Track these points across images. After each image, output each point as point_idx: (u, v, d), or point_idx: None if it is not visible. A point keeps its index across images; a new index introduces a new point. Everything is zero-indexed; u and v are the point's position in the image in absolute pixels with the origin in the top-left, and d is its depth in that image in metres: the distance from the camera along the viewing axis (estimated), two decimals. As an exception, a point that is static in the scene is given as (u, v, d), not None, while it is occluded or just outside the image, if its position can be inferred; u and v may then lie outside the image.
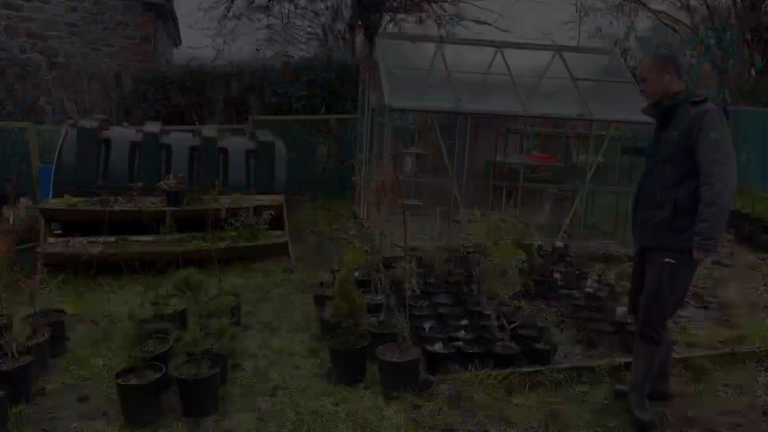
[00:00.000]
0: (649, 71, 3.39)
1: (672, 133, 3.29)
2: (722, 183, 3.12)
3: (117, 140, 6.85)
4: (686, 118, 3.24)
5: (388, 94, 6.67)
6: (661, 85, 3.35)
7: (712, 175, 3.13)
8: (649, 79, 3.39)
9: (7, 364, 3.64)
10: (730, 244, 7.47)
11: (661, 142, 3.38)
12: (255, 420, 3.54)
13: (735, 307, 5.45)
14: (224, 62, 11.76)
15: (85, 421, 3.53)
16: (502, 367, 3.93)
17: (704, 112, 3.20)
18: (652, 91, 3.40)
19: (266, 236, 6.47)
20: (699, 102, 3.26)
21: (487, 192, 8.40)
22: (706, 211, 3.13)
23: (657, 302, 3.36)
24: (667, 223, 3.27)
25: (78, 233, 6.32)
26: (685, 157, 3.23)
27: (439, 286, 5.29)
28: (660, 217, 3.30)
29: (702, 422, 3.61)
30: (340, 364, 3.98)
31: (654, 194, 3.36)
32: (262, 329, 4.93)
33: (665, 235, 3.28)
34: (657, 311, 3.39)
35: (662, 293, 3.33)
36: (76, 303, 5.41)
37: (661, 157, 3.35)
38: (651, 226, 3.36)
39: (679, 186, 3.26)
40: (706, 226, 3.13)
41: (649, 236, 3.39)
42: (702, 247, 3.15)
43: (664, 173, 3.32)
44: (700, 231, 3.14)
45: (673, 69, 3.34)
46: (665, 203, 3.29)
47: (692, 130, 3.19)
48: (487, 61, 7.75)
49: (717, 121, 3.18)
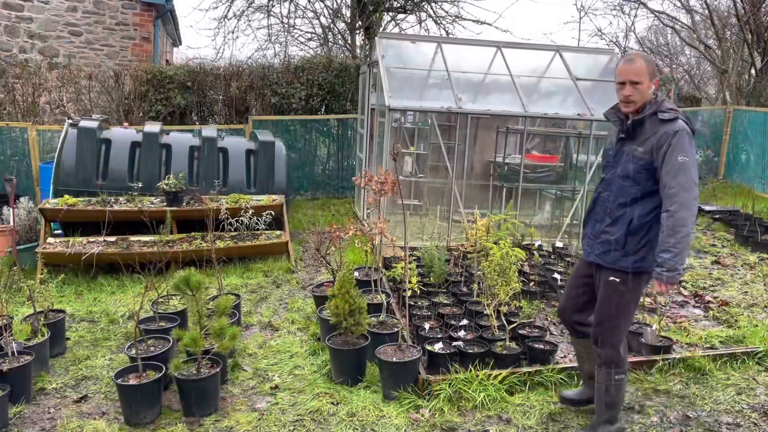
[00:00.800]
0: (642, 76, 3.02)
1: (636, 148, 3.06)
2: (686, 210, 2.90)
3: (117, 140, 6.85)
4: (654, 135, 3.00)
5: (388, 94, 6.68)
6: (646, 95, 3.05)
7: (675, 201, 2.91)
8: (641, 84, 3.03)
9: (7, 364, 3.64)
10: (730, 244, 7.48)
11: (623, 154, 3.13)
12: (255, 420, 3.54)
13: (735, 307, 5.46)
14: (224, 62, 11.76)
15: (85, 420, 3.53)
16: (502, 367, 3.94)
17: (675, 132, 2.94)
18: (639, 99, 3.04)
19: (266, 236, 6.48)
20: (670, 120, 2.99)
21: (487, 192, 8.40)
22: (667, 241, 2.92)
23: (608, 321, 3.18)
24: (620, 242, 3.08)
25: (78, 233, 6.33)
26: (647, 175, 3.02)
27: (439, 286, 5.29)
28: (613, 234, 3.11)
29: (702, 422, 3.61)
30: (340, 364, 3.98)
31: (609, 209, 3.16)
32: (262, 329, 4.94)
33: (616, 255, 3.10)
34: (612, 330, 3.19)
35: (611, 312, 3.17)
36: (76, 303, 5.41)
37: (621, 172, 3.11)
38: (603, 242, 3.17)
39: (636, 204, 3.07)
40: (668, 257, 2.92)
41: (599, 253, 3.19)
42: (666, 281, 2.95)
43: (622, 189, 3.10)
44: (663, 262, 2.93)
45: (657, 80, 3.09)
46: (619, 221, 3.10)
47: (659, 149, 2.97)
48: (487, 61, 7.75)
49: (686, 143, 2.94)
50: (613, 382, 3.23)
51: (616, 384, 3.25)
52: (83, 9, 11.73)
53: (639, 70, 3.02)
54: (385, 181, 4.52)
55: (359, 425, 3.49)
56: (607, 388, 3.25)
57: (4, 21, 11.20)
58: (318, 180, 10.19)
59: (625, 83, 3.05)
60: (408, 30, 15.73)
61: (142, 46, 12.17)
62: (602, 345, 3.23)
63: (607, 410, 3.30)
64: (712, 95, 19.49)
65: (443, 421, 3.54)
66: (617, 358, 3.21)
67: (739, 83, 14.48)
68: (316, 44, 16.58)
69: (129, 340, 4.51)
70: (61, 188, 6.58)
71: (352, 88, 10.38)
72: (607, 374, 3.23)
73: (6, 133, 8.28)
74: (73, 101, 9.52)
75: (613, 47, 18.07)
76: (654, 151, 2.99)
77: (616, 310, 3.15)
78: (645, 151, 3.02)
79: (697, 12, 15.82)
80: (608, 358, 3.21)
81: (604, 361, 3.23)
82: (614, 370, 3.22)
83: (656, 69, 3.09)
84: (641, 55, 3.11)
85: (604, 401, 3.28)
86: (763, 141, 10.65)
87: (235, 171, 7.17)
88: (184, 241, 6.21)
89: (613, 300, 3.16)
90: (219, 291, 4.92)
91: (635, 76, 3.02)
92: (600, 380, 3.27)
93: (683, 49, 19.99)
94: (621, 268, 3.10)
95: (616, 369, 3.22)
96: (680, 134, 2.94)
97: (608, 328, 3.19)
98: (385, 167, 6.61)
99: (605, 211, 3.18)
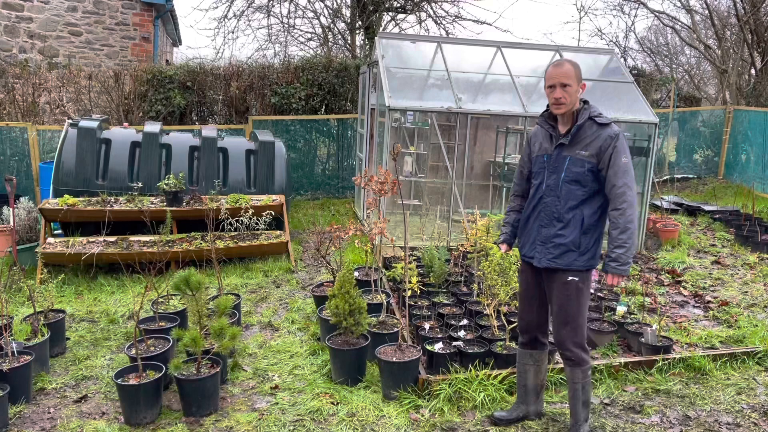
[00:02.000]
0: (571, 79, 3.14)
1: (579, 152, 3.16)
2: (632, 208, 3.09)
3: (117, 140, 6.85)
4: (596, 139, 3.13)
5: (388, 94, 6.68)
6: (576, 98, 3.19)
7: (624, 200, 3.08)
8: (570, 87, 3.14)
9: (7, 364, 3.64)
10: (730, 244, 7.48)
11: (565, 159, 3.20)
12: (255, 420, 3.54)
13: (735, 307, 5.46)
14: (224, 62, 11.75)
15: (85, 421, 3.53)
16: (502, 367, 3.94)
17: (616, 135, 3.12)
18: (570, 101, 3.17)
19: (266, 236, 6.48)
20: (605, 124, 3.16)
21: (487, 192, 8.41)
22: (620, 237, 3.08)
23: (573, 321, 3.22)
24: (576, 243, 3.18)
25: (78, 233, 6.33)
26: (592, 177, 3.15)
27: (439, 286, 5.29)
28: (568, 237, 3.18)
29: (702, 422, 3.61)
30: (340, 364, 3.98)
31: (558, 213, 3.21)
32: (262, 329, 4.94)
33: (572, 255, 3.18)
34: (575, 329, 3.22)
35: (574, 311, 3.21)
36: (76, 303, 5.42)
37: (567, 176, 3.19)
38: (556, 246, 3.20)
39: (584, 205, 3.19)
40: (622, 252, 3.08)
41: (553, 257, 3.22)
42: (618, 273, 3.10)
43: (570, 192, 3.18)
44: (617, 257, 3.09)
45: (582, 82, 3.22)
46: (571, 223, 3.18)
47: (604, 152, 3.10)
48: (487, 61, 7.75)
49: (625, 146, 3.14)
50: (588, 379, 3.29)
51: (589, 381, 3.31)
52: (83, 9, 11.74)
53: (568, 73, 3.14)
54: (385, 181, 4.52)
55: (359, 425, 3.49)
56: (583, 386, 3.28)
57: (4, 21, 11.20)
58: (318, 180, 10.19)
59: (555, 86, 3.16)
60: (408, 30, 15.74)
61: (142, 46, 12.17)
62: (572, 346, 3.24)
63: (584, 408, 3.33)
64: (712, 95, 19.49)
65: (443, 421, 3.54)
66: (585, 356, 3.27)
67: (739, 83, 14.48)
68: (316, 44, 16.60)
69: (129, 340, 4.51)
70: (61, 188, 6.58)
71: (352, 88, 10.38)
72: (582, 373, 3.27)
73: (6, 133, 8.28)
74: (73, 101, 9.52)
75: (613, 47, 18.07)
76: (600, 154, 3.12)
77: (578, 308, 3.21)
78: (590, 155, 3.14)
79: (697, 12, 15.82)
80: (578, 358, 3.25)
81: (575, 361, 3.26)
82: (586, 368, 3.27)
83: (581, 73, 3.22)
84: (568, 60, 3.25)
85: (582, 400, 3.30)
86: (763, 141, 10.65)
87: (235, 171, 7.17)
88: (184, 241, 6.21)
89: (573, 300, 3.20)
90: (219, 291, 4.93)
91: (565, 79, 3.13)
92: (576, 380, 3.28)
93: (683, 49, 20.00)
94: (578, 267, 3.18)
95: (585, 366, 3.27)
96: (620, 138, 3.13)
97: (573, 328, 3.23)
98: (385, 167, 6.61)
99: (553, 216, 3.23)
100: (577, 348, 3.24)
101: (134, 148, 6.86)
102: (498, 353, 4.02)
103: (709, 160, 11.92)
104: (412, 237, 7.02)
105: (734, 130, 11.52)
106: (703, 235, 7.91)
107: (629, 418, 3.64)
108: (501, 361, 3.98)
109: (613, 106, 7.26)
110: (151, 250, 5.87)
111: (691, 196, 10.33)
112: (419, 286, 4.69)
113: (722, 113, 11.88)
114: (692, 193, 10.81)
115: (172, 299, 4.81)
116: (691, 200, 9.77)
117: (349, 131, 10.21)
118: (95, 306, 5.33)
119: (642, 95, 7.50)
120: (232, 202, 6.53)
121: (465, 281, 5.48)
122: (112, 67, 10.54)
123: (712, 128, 11.90)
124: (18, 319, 4.43)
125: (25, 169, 8.31)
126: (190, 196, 6.61)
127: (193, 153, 7.07)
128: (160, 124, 7.25)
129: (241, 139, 7.66)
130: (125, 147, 6.83)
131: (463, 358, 3.99)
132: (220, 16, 14.83)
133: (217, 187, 6.97)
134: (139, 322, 4.12)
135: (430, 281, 5.32)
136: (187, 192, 6.62)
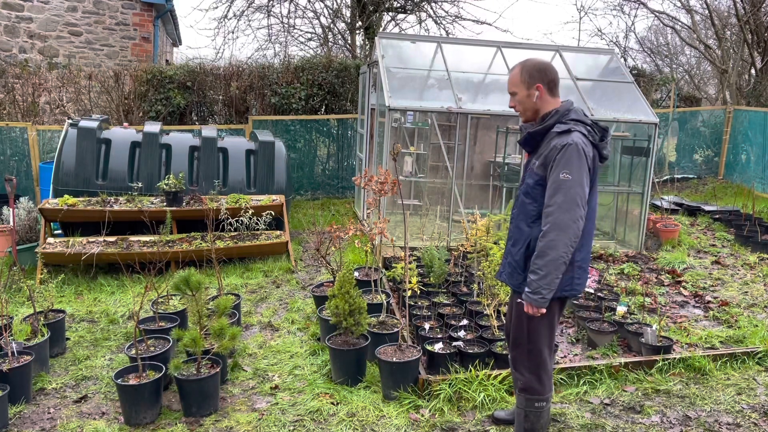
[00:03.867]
0: (516, 85, 2.85)
1: (534, 162, 2.85)
2: (558, 231, 2.66)
3: (117, 140, 6.85)
4: (547, 150, 2.77)
5: (388, 94, 6.68)
6: (530, 103, 2.84)
7: (550, 221, 2.69)
8: (517, 94, 2.87)
9: (7, 364, 3.64)
10: (730, 244, 7.48)
11: (526, 169, 2.94)
12: (255, 420, 3.54)
13: (735, 307, 5.46)
14: (224, 62, 11.76)
15: (85, 421, 3.53)
16: (502, 367, 3.94)
17: (563, 146, 2.69)
18: (522, 109, 2.88)
19: (266, 236, 6.48)
20: (563, 132, 2.74)
21: (487, 192, 8.41)
22: (536, 262, 2.73)
23: (523, 346, 2.99)
24: (519, 264, 2.90)
25: (78, 233, 6.33)
26: (541, 191, 2.79)
27: (439, 286, 5.29)
28: (515, 255, 2.92)
29: (702, 422, 3.61)
30: (340, 364, 3.98)
31: (512, 228, 2.98)
32: (262, 329, 4.94)
33: (519, 277, 2.91)
34: (527, 355, 2.99)
35: (524, 335, 2.96)
36: (76, 303, 5.41)
37: (523, 188, 2.93)
38: (507, 263, 2.99)
39: (535, 224, 2.83)
40: (534, 279, 2.73)
41: (506, 274, 3.01)
42: (529, 301, 2.78)
43: (523, 206, 2.90)
44: (529, 283, 2.76)
45: (542, 84, 2.82)
46: (519, 242, 2.90)
47: (548, 164, 2.74)
48: (487, 61, 7.75)
49: (573, 158, 2.66)
50: (532, 409, 3.03)
51: (536, 412, 3.03)
52: (83, 9, 11.74)
53: (512, 79, 2.88)
54: (385, 181, 4.52)
55: (359, 425, 3.49)
56: (526, 414, 3.05)
57: (4, 21, 11.20)
58: (318, 180, 10.19)
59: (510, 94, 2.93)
60: (408, 30, 15.74)
61: (142, 46, 12.17)
62: (517, 369, 3.06)
63: None
64: (712, 95, 19.49)
65: (443, 421, 3.54)
66: (536, 385, 3.00)
67: (739, 83, 14.48)
68: (316, 44, 16.59)
69: (129, 340, 4.51)
70: (61, 188, 6.58)
71: (352, 88, 10.38)
72: (526, 401, 3.03)
73: (6, 133, 8.28)
74: (73, 101, 9.52)
75: (613, 47, 18.07)
76: (546, 166, 2.77)
77: (528, 334, 2.94)
78: (539, 165, 2.80)
79: (697, 12, 15.82)
80: (525, 384, 3.02)
81: (521, 387, 3.05)
82: (534, 397, 3.01)
83: (536, 73, 2.82)
84: (520, 63, 2.90)
85: (523, 427, 3.07)
86: (763, 141, 10.65)
87: (235, 171, 7.17)
88: (184, 241, 6.21)
89: (522, 323, 2.94)
90: (219, 291, 4.93)
91: (510, 86, 2.89)
92: (519, 406, 3.08)
93: (683, 49, 20.00)
94: (522, 290, 2.87)
95: (535, 396, 3.01)
96: (567, 148, 2.68)
97: (522, 353, 3.00)
98: (385, 167, 6.61)
99: (512, 230, 2.99)
100: (524, 372, 3.01)
101: (134, 148, 6.86)
102: (498, 353, 4.02)
103: (709, 160, 11.92)
104: (412, 237, 7.02)
105: (734, 130, 11.52)
106: (703, 235, 7.91)
107: (629, 418, 3.64)
108: (501, 361, 3.98)
109: (614, 107, 7.26)
110: (151, 250, 5.87)
111: (691, 196, 10.34)
112: (419, 286, 4.69)
113: (722, 113, 11.88)
114: (692, 193, 10.81)
115: (172, 299, 4.81)
116: (691, 200, 9.78)
117: (349, 131, 10.21)
118: (95, 306, 5.33)
119: (642, 95, 7.50)
120: (232, 202, 6.53)
121: (465, 281, 5.48)
122: (112, 67, 10.54)
123: (712, 128, 11.90)
124: (18, 319, 4.43)
125: (25, 169, 8.31)
126: (190, 196, 6.61)
127: (193, 153, 7.07)
128: (160, 124, 7.25)
129: (241, 139, 7.66)
130: (125, 147, 6.83)
131: (463, 358, 3.99)
132: (220, 16, 14.87)
133: (217, 187, 6.97)
134: (139, 322, 4.12)
135: (430, 281, 5.32)
136: (187, 192, 6.62)
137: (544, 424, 3.09)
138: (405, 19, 15.72)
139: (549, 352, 2.99)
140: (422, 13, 14.83)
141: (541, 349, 2.96)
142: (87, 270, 5.95)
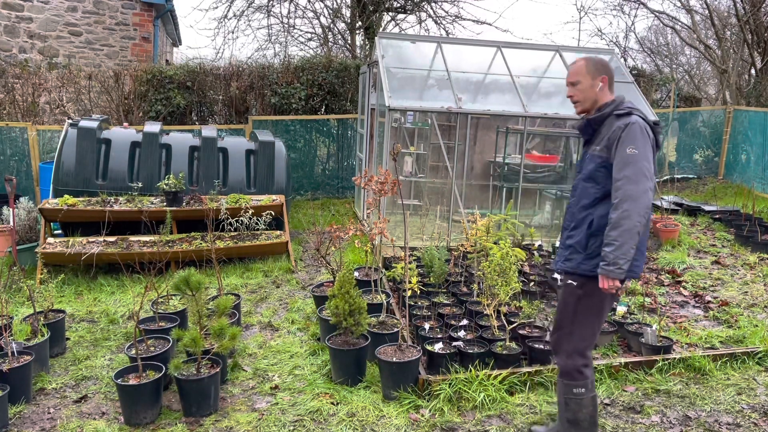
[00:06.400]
0: (581, 75, 3.04)
1: (595, 147, 3.01)
2: (631, 202, 2.78)
3: (117, 140, 6.85)
4: (609, 132, 2.94)
5: (388, 94, 6.67)
6: (592, 93, 3.03)
7: (619, 193, 2.81)
8: (580, 84, 3.04)
9: (7, 364, 3.64)
10: (730, 244, 7.48)
11: (585, 157, 3.09)
12: (255, 420, 3.54)
13: (735, 307, 5.45)
14: (224, 62, 11.76)
15: (85, 421, 3.53)
16: (502, 367, 3.94)
17: (626, 125, 2.87)
18: (582, 98, 3.06)
19: (266, 236, 6.48)
20: (623, 114, 2.94)
21: (487, 192, 8.40)
22: (610, 234, 2.82)
23: (566, 328, 3.05)
24: (581, 245, 2.98)
25: (78, 233, 6.33)
26: (606, 173, 2.93)
27: (439, 286, 5.29)
28: (575, 238, 3.01)
29: (702, 422, 3.61)
30: (340, 364, 3.98)
31: (573, 213, 3.07)
32: (262, 329, 4.94)
33: (578, 258, 2.98)
34: (568, 338, 3.04)
35: (568, 318, 3.04)
36: (76, 303, 5.41)
37: (583, 174, 3.05)
38: (567, 247, 3.06)
39: (598, 205, 2.96)
40: (609, 251, 2.80)
41: (563, 259, 3.08)
42: (605, 273, 2.83)
43: (584, 191, 3.02)
44: (605, 256, 2.83)
45: (606, 77, 3.04)
46: (581, 224, 3.00)
47: (612, 144, 2.90)
48: (487, 61, 7.75)
49: (637, 136, 2.85)
50: (571, 396, 3.05)
51: (576, 399, 3.04)
52: (83, 9, 11.74)
53: (577, 70, 3.06)
54: (385, 181, 4.52)
55: (359, 425, 3.49)
56: (566, 402, 3.07)
57: (4, 21, 11.20)
58: (318, 180, 10.19)
59: (568, 86, 3.12)
60: (408, 30, 15.74)
61: (142, 46, 12.17)
62: (557, 353, 3.11)
63: (570, 427, 3.09)
64: (712, 95, 19.49)
65: (443, 421, 3.54)
66: (573, 371, 3.03)
67: (739, 83, 14.48)
68: (316, 44, 16.59)
69: (129, 340, 4.51)
70: (61, 188, 6.58)
71: (352, 88, 10.38)
72: (565, 387, 3.06)
73: (6, 133, 8.28)
74: (73, 101, 9.52)
75: (613, 47, 18.07)
76: (609, 147, 2.92)
77: (572, 315, 3.01)
78: (602, 149, 2.96)
79: (697, 12, 15.81)
80: (564, 369, 3.07)
81: (561, 372, 3.10)
82: (572, 383, 3.04)
83: (602, 67, 3.04)
84: (584, 57, 3.12)
85: (566, 417, 3.09)
86: (763, 141, 10.65)
87: (235, 171, 7.17)
88: (184, 241, 6.21)
89: (569, 305, 3.03)
90: (219, 291, 4.93)
91: (573, 76, 3.07)
92: (559, 392, 3.11)
93: (683, 49, 20.00)
94: (582, 272, 2.97)
95: (573, 382, 3.04)
96: (631, 127, 2.87)
97: (563, 335, 3.06)
98: (385, 167, 6.61)
99: (571, 217, 3.09)
100: (562, 356, 3.07)
101: (134, 148, 6.86)
102: (498, 353, 4.02)
103: (709, 160, 11.92)
104: (412, 237, 7.02)
105: (734, 130, 11.52)
106: (703, 235, 7.91)
107: (629, 418, 3.64)
108: (501, 361, 3.98)
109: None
110: (150, 250, 5.87)
111: (691, 196, 10.33)
112: (419, 286, 4.69)
113: (722, 113, 11.87)
114: (692, 193, 10.81)
115: (172, 299, 4.81)
116: (691, 200, 9.77)
117: (349, 131, 10.21)
118: (95, 306, 5.33)
119: (642, 95, 7.50)
120: (232, 202, 6.53)
121: (465, 281, 5.48)
122: (112, 67, 10.54)
123: (712, 128, 11.89)
124: (18, 319, 4.43)
125: (25, 169, 8.31)
126: (190, 196, 6.61)
127: (193, 153, 7.06)
128: (160, 124, 7.25)
129: (241, 139, 7.66)
130: (125, 147, 6.83)
131: (463, 358, 3.99)
132: (220, 16, 14.88)
133: (217, 187, 6.97)
134: (139, 322, 4.12)
135: (430, 281, 5.32)
136: (187, 192, 6.62)
137: (587, 416, 3.06)
138: (405, 19, 15.73)
139: (592, 339, 3.06)
140: (422, 13, 14.84)
141: (584, 335, 3.02)
142: (87, 270, 5.95)
